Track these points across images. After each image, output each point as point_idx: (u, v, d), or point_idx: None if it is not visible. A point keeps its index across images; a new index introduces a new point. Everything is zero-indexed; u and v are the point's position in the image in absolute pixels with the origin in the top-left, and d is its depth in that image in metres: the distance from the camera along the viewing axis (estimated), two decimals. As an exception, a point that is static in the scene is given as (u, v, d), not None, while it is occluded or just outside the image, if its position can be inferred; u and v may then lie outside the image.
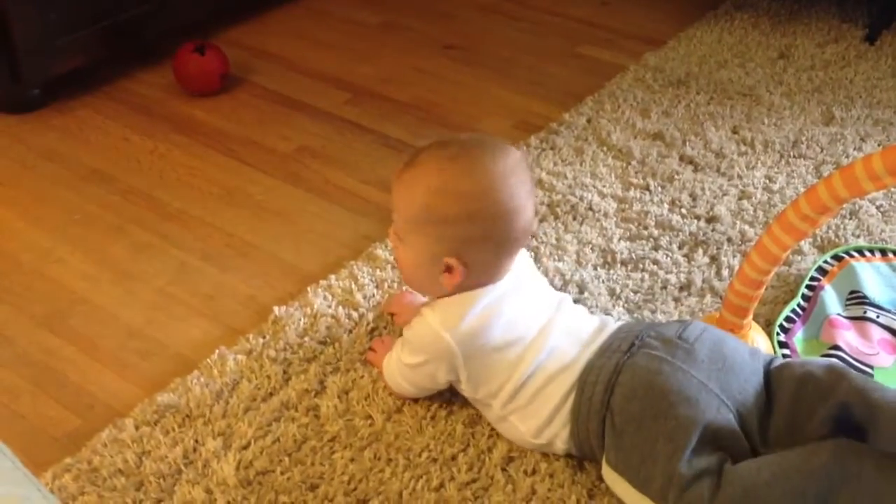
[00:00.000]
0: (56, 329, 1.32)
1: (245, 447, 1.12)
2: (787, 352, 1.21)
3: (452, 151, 1.07)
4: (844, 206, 1.42)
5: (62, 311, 1.35)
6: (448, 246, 1.06)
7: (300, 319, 1.30)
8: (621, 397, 1.02)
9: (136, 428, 1.14)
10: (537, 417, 1.08)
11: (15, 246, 1.48)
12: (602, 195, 1.55)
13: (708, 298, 1.33)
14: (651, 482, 0.98)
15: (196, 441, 1.13)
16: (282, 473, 1.09)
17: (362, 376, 1.21)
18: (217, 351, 1.25)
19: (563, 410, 1.07)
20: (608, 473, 1.03)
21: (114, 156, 1.69)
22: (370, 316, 1.30)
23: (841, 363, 1.09)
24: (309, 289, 1.35)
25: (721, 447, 0.98)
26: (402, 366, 1.14)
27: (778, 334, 1.23)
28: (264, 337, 1.27)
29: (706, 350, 1.04)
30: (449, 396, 1.17)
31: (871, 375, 1.17)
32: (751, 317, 1.16)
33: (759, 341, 1.18)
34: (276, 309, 1.32)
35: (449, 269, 1.08)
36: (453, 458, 1.11)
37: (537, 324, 1.11)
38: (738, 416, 1.01)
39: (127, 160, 1.68)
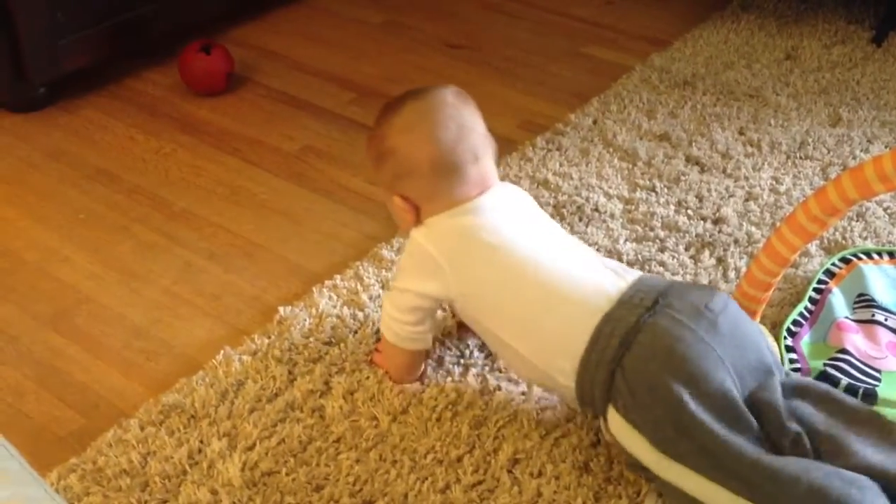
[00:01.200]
0: (61, 328, 1.32)
1: (250, 448, 1.12)
2: (794, 356, 1.20)
3: (387, 102, 1.20)
4: (852, 208, 1.41)
5: (67, 310, 1.35)
6: (388, 184, 1.18)
7: (305, 320, 1.29)
8: (637, 356, 1.01)
9: (142, 428, 1.14)
10: (541, 342, 1.08)
11: (20, 245, 1.48)
12: (608, 196, 1.54)
13: (714, 300, 1.33)
14: (675, 445, 0.98)
15: (201, 442, 1.12)
16: (287, 474, 1.09)
17: (367, 377, 1.21)
18: (222, 351, 1.25)
19: (570, 346, 1.05)
20: (617, 424, 1.03)
21: (119, 155, 1.69)
22: (375, 316, 1.30)
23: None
24: (314, 289, 1.35)
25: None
26: (393, 297, 1.16)
27: (785, 338, 1.23)
28: (269, 337, 1.27)
29: (728, 325, 1.03)
30: (455, 397, 1.17)
31: (879, 380, 1.16)
32: (758, 318, 1.15)
33: (767, 343, 1.18)
34: (281, 309, 1.31)
35: (402, 205, 1.16)
36: (459, 459, 1.11)
37: (537, 238, 1.13)
38: (746, 394, 1.00)
39: (132, 159, 1.68)
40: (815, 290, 1.31)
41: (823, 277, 1.34)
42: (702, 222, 1.48)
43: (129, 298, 1.37)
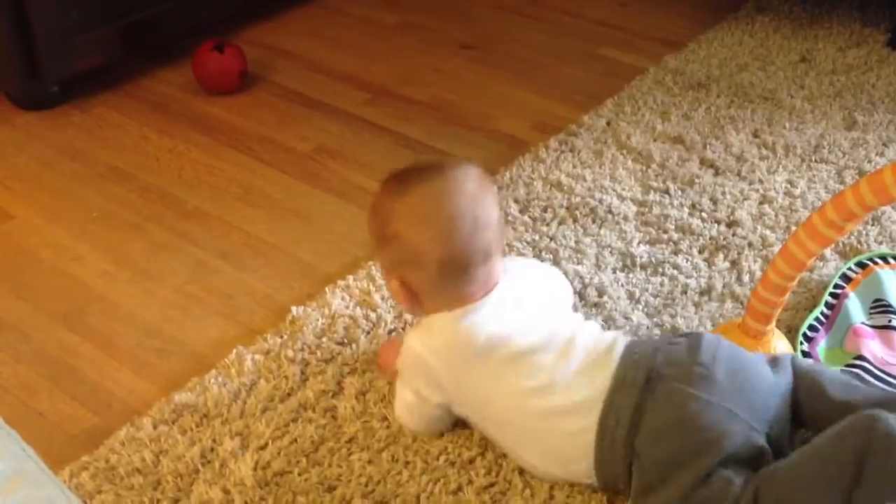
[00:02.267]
0: (74, 326, 1.32)
1: (262, 447, 1.12)
2: (812, 361, 1.20)
3: (395, 174, 1.10)
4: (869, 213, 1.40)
5: (80, 308, 1.35)
6: (388, 266, 1.11)
7: (318, 320, 1.29)
8: (648, 441, 0.98)
9: (154, 427, 1.14)
10: (550, 453, 1.05)
11: (34, 243, 1.48)
12: (621, 198, 1.54)
13: (728, 304, 1.32)
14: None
15: (213, 441, 1.12)
16: (299, 474, 1.09)
17: (378, 378, 1.21)
18: (235, 350, 1.25)
19: (579, 449, 1.02)
20: None
21: (132, 154, 1.69)
22: (388, 317, 1.30)
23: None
24: (327, 289, 1.35)
25: (750, 466, 0.97)
26: (399, 395, 1.13)
27: (801, 343, 1.22)
28: (282, 337, 1.27)
29: (724, 370, 1.00)
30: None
31: None
32: (774, 323, 1.15)
33: (781, 348, 1.17)
34: (293, 309, 1.31)
35: (400, 291, 1.09)
36: (471, 461, 1.10)
37: (532, 339, 1.05)
38: (769, 435, 0.99)
39: (145, 158, 1.68)
40: (831, 294, 1.31)
41: (839, 282, 1.33)
42: (716, 225, 1.47)
43: (141, 297, 1.37)
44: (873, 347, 1.21)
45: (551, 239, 1.45)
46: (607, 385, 1.02)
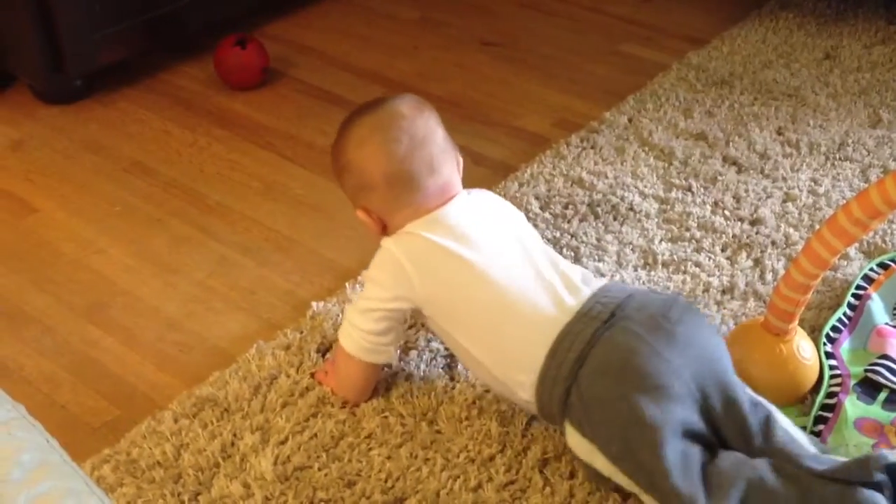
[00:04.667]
0: (96, 320, 1.33)
1: (283, 442, 1.12)
2: (833, 362, 1.19)
3: (349, 114, 1.19)
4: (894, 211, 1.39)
5: (103, 302, 1.36)
6: (351, 197, 1.18)
7: (338, 315, 1.29)
8: (592, 371, 1.01)
9: (175, 420, 1.15)
10: (501, 353, 1.08)
11: (56, 236, 1.49)
12: (643, 195, 1.53)
13: (751, 302, 1.31)
14: (626, 462, 0.99)
15: (234, 435, 1.13)
16: (319, 469, 1.09)
17: (396, 374, 1.21)
18: (255, 345, 1.25)
19: (529, 361, 1.05)
20: (574, 438, 1.03)
21: (154, 148, 1.70)
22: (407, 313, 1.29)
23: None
24: (347, 284, 1.35)
25: (695, 438, 0.99)
26: (359, 306, 1.14)
27: (824, 344, 1.21)
28: (302, 332, 1.27)
29: (687, 333, 1.02)
30: (481, 391, 1.16)
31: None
32: (797, 322, 1.14)
33: (805, 347, 1.16)
34: (314, 304, 1.31)
35: (365, 219, 1.17)
36: (491, 458, 1.10)
37: (499, 248, 1.11)
38: (705, 406, 1.00)
39: (167, 153, 1.69)
40: (853, 295, 1.29)
41: (862, 283, 1.32)
42: (739, 223, 1.46)
43: (163, 291, 1.38)
44: (898, 347, 1.20)
45: (572, 236, 1.44)
46: (574, 312, 1.05)
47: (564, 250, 1.41)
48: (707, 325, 1.08)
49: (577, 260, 1.39)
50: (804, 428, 1.10)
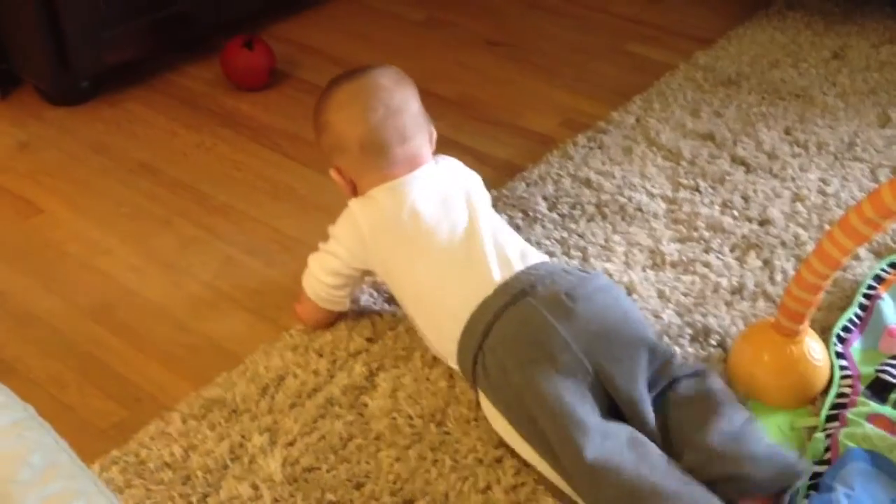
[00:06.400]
0: (103, 320, 1.32)
1: (291, 443, 1.11)
2: (844, 362, 1.18)
3: (334, 77, 1.28)
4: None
5: (110, 302, 1.35)
6: (327, 156, 1.27)
7: (345, 316, 1.29)
8: (493, 341, 1.07)
9: (183, 421, 1.14)
10: (434, 322, 1.16)
11: (63, 237, 1.49)
12: (651, 196, 1.52)
13: (761, 302, 1.30)
14: (523, 427, 1.04)
15: (242, 436, 1.12)
16: (328, 471, 1.08)
17: (405, 374, 1.20)
18: (262, 346, 1.25)
19: (453, 330, 1.11)
20: (484, 403, 1.10)
21: (161, 149, 1.70)
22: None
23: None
24: (354, 285, 1.35)
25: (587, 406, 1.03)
26: (318, 257, 1.24)
27: (835, 344, 1.20)
28: (309, 333, 1.27)
29: (590, 311, 1.07)
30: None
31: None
32: (808, 322, 1.13)
33: (815, 348, 1.15)
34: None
35: (338, 178, 1.25)
36: (499, 460, 1.10)
37: (448, 220, 1.18)
38: (597, 379, 1.04)
39: (174, 153, 1.69)
40: (864, 295, 1.29)
41: (872, 283, 1.31)
42: (747, 223, 1.46)
43: (170, 291, 1.37)
44: (910, 348, 1.19)
45: (580, 236, 1.44)
46: (497, 284, 1.11)
47: (572, 251, 1.40)
48: (623, 308, 1.12)
49: (584, 261, 1.38)
50: (815, 428, 1.10)
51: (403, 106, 1.24)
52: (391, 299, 1.32)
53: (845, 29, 2.02)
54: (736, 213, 1.48)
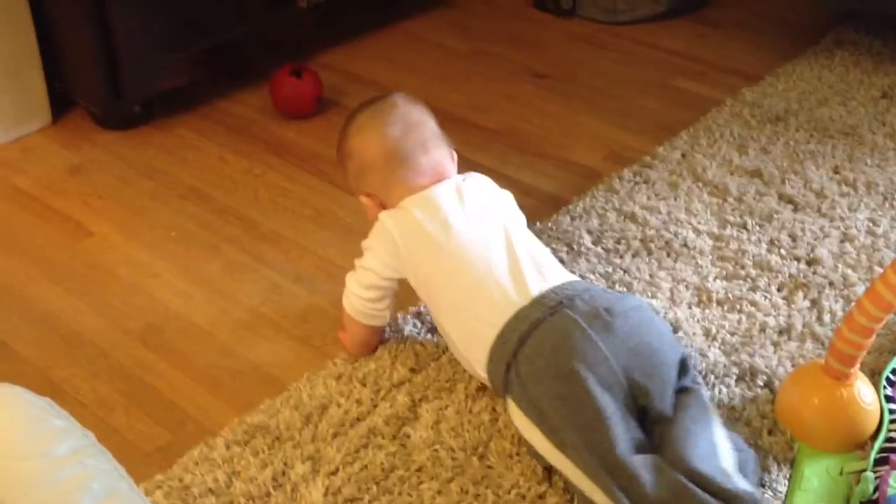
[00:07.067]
0: (150, 344, 1.34)
1: (333, 473, 1.12)
2: (894, 406, 1.16)
3: (349, 113, 1.32)
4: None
5: (157, 326, 1.37)
6: (354, 184, 1.31)
7: (389, 346, 1.29)
8: (529, 351, 1.08)
9: (227, 447, 1.15)
10: (465, 330, 1.16)
11: (113, 259, 1.51)
12: (697, 232, 1.51)
13: (809, 344, 1.29)
14: (560, 437, 1.04)
15: (285, 464, 1.13)
16: (370, 502, 1.08)
17: (448, 406, 1.20)
18: (306, 374, 1.25)
19: (485, 338, 1.12)
20: (515, 414, 1.11)
21: (210, 175, 1.72)
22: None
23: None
24: (399, 315, 1.35)
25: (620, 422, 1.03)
26: (356, 274, 1.25)
27: (885, 388, 1.19)
28: (353, 362, 1.27)
29: (627, 328, 1.08)
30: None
31: None
32: (858, 365, 1.12)
33: (866, 392, 1.14)
34: (366, 334, 1.31)
35: (368, 203, 1.29)
36: (541, 496, 1.09)
37: (481, 231, 1.20)
38: (629, 395, 1.05)
39: (223, 179, 1.71)
40: (915, 338, 1.27)
41: (924, 325, 1.29)
42: (795, 262, 1.44)
43: (217, 317, 1.39)
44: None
45: (625, 271, 1.43)
46: (532, 295, 1.13)
47: (617, 286, 1.40)
48: (658, 327, 1.13)
49: (629, 296, 1.38)
50: (863, 471, 1.08)
51: (422, 120, 1.29)
52: (434, 329, 1.32)
53: (894, 68, 2.00)
54: (783, 251, 1.47)
